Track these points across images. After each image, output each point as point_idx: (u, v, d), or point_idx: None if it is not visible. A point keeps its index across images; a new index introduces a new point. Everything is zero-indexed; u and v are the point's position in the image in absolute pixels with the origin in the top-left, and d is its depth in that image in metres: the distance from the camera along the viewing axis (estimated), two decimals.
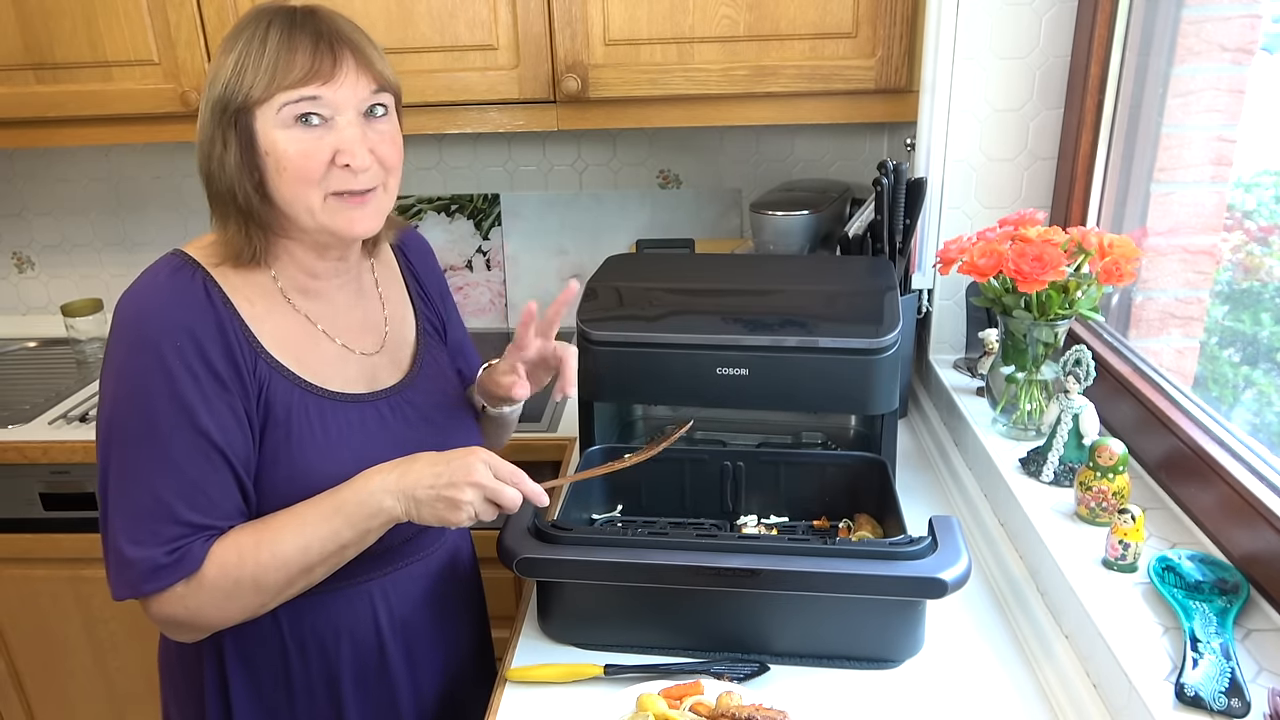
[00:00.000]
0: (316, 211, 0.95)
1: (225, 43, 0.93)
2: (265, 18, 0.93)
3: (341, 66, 0.92)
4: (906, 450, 1.50)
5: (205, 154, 0.94)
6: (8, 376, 2.02)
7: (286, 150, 0.92)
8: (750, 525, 1.21)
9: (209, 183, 0.95)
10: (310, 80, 0.91)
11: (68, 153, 2.15)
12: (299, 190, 0.93)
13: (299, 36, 0.91)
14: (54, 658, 1.88)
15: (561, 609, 1.06)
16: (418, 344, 1.14)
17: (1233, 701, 0.80)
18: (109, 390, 0.92)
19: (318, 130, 0.92)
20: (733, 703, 0.92)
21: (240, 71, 0.90)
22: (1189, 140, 1.30)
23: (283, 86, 0.90)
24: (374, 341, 1.08)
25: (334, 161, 0.93)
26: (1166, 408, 1.15)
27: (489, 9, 1.62)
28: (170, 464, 0.91)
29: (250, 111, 0.91)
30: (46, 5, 1.67)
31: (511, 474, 0.95)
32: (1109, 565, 1.01)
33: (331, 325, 1.04)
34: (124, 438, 0.91)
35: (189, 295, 0.93)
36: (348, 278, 1.07)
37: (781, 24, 1.59)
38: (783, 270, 1.40)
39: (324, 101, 0.92)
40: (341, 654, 1.05)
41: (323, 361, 1.02)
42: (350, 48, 0.93)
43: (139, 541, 0.91)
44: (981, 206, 1.54)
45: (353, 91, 0.93)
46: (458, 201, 2.10)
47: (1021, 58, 1.46)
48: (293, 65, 0.90)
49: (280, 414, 0.97)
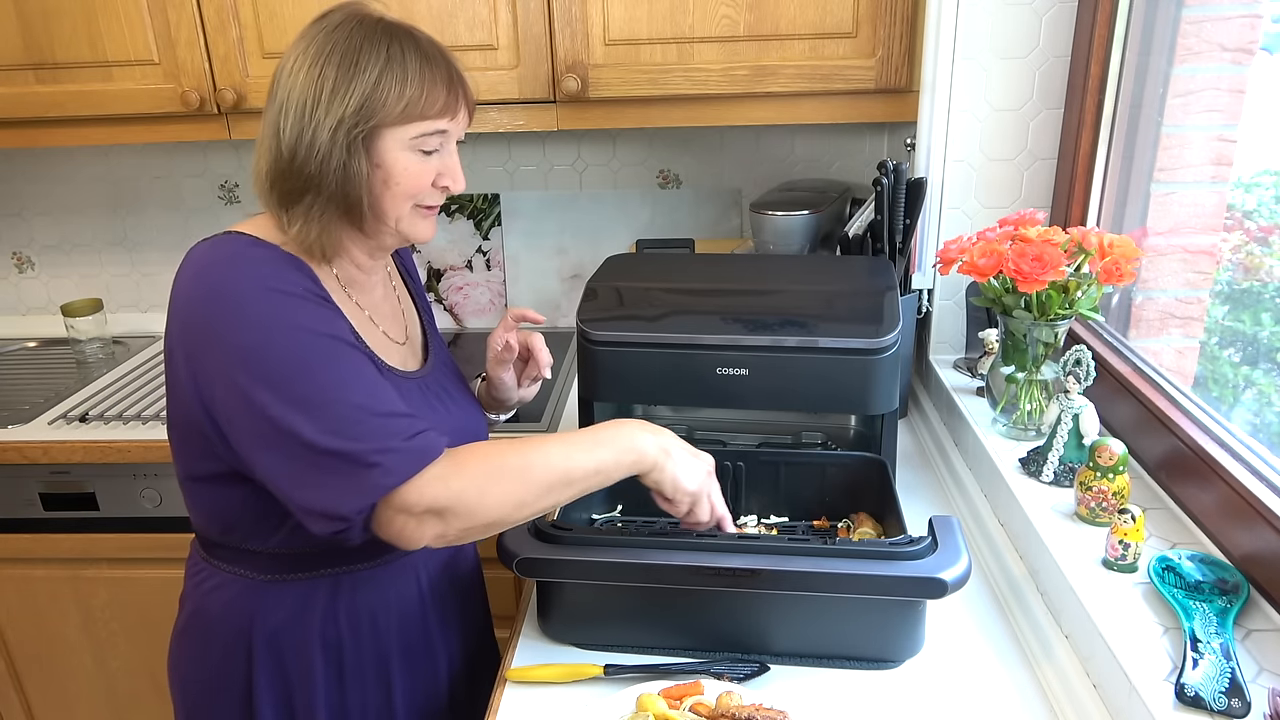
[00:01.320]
0: (402, 220, 1.01)
1: (346, 53, 0.94)
2: (393, 39, 0.95)
3: (461, 103, 1.00)
4: (906, 450, 1.50)
5: (320, 159, 0.94)
6: (8, 376, 2.01)
7: (405, 170, 0.97)
8: (750, 525, 1.21)
9: (307, 185, 0.95)
10: (444, 114, 0.98)
11: (68, 153, 2.15)
12: (399, 204, 0.99)
13: (437, 69, 0.97)
14: (54, 658, 1.88)
15: (561, 609, 1.06)
16: (424, 335, 1.20)
17: (1233, 701, 0.80)
18: (245, 350, 0.88)
19: (430, 156, 0.99)
20: (733, 703, 0.92)
21: (384, 92, 0.94)
22: (1189, 140, 1.29)
23: (424, 116, 0.96)
24: (401, 332, 1.14)
25: (435, 183, 1.01)
26: (1166, 408, 1.15)
27: (489, 9, 1.62)
28: (350, 376, 0.91)
29: (382, 130, 0.95)
30: (46, 5, 1.66)
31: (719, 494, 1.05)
32: (1109, 565, 1.01)
33: (376, 315, 1.10)
34: (289, 377, 0.88)
35: (279, 259, 0.96)
36: (381, 275, 1.14)
37: (781, 24, 1.59)
38: (783, 270, 1.40)
39: (447, 134, 1.00)
40: (392, 629, 1.09)
41: (378, 345, 1.06)
42: (465, 85, 1.01)
43: (375, 436, 0.88)
44: (981, 206, 1.54)
45: (462, 125, 1.02)
46: (457, 201, 2.10)
47: (1021, 58, 1.46)
48: (435, 99, 0.96)
49: None
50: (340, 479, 0.87)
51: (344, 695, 1.08)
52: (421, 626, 1.12)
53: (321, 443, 0.87)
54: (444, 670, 1.16)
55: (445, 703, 1.17)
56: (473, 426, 1.17)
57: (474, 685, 1.22)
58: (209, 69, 1.69)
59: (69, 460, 1.68)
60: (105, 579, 1.79)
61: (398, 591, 1.09)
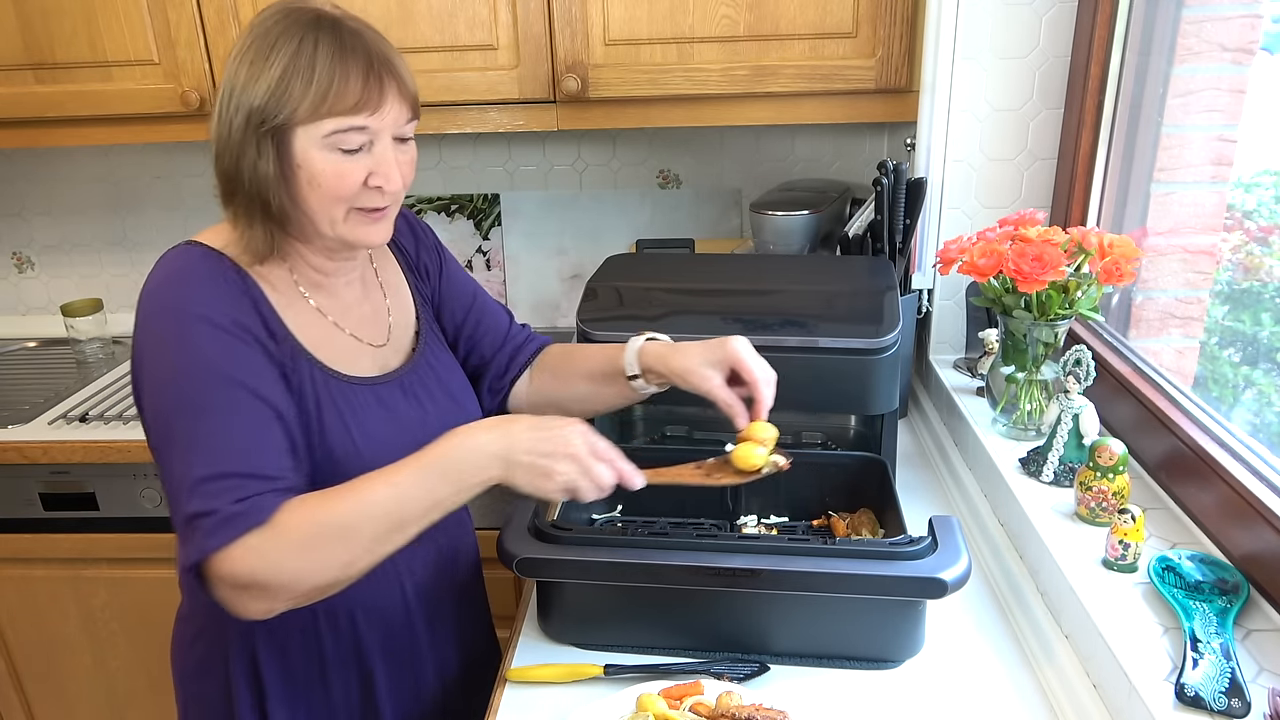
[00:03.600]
0: (338, 223, 0.97)
1: (261, 47, 0.92)
2: (311, 30, 0.92)
3: (387, 96, 0.94)
4: (906, 450, 1.50)
5: (233, 157, 0.93)
6: (8, 376, 2.01)
7: (324, 170, 0.93)
8: (750, 525, 1.21)
9: (233, 184, 0.95)
10: (360, 110, 0.92)
11: (67, 153, 2.15)
12: (327, 205, 0.95)
13: (351, 61, 0.92)
14: (54, 658, 1.88)
15: (561, 609, 1.06)
16: (419, 324, 1.16)
17: (1233, 701, 0.80)
18: (158, 371, 0.91)
19: (356, 154, 0.94)
20: (733, 703, 0.92)
21: (287, 87, 0.90)
22: (1189, 140, 1.29)
23: (333, 113, 0.91)
24: (381, 333, 1.11)
25: (366, 182, 0.96)
26: (1166, 408, 1.15)
27: (489, 9, 1.62)
28: (231, 427, 0.90)
29: (292, 129, 0.91)
30: (46, 5, 1.66)
31: (608, 452, 0.94)
32: (1109, 565, 1.01)
33: (343, 319, 1.06)
34: (180, 408, 0.89)
35: (222, 276, 0.95)
36: (354, 275, 1.09)
37: (781, 24, 1.59)
38: (783, 270, 1.40)
39: (369, 130, 0.94)
40: (373, 629, 1.07)
41: (338, 351, 1.04)
42: (395, 76, 0.95)
43: (206, 497, 0.87)
44: (981, 206, 1.54)
45: (393, 120, 0.95)
46: (458, 201, 2.10)
47: (1021, 58, 1.46)
48: (346, 93, 0.91)
49: (308, 395, 0.98)
50: (180, 530, 0.88)
51: (327, 691, 1.06)
52: (407, 631, 1.10)
53: (170, 488, 0.89)
54: (432, 674, 1.14)
55: (435, 706, 1.16)
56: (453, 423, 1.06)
57: (470, 689, 1.21)
58: (209, 69, 1.69)
59: (69, 460, 1.68)
60: (105, 579, 1.79)
61: (377, 598, 1.06)
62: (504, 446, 0.92)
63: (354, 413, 1.01)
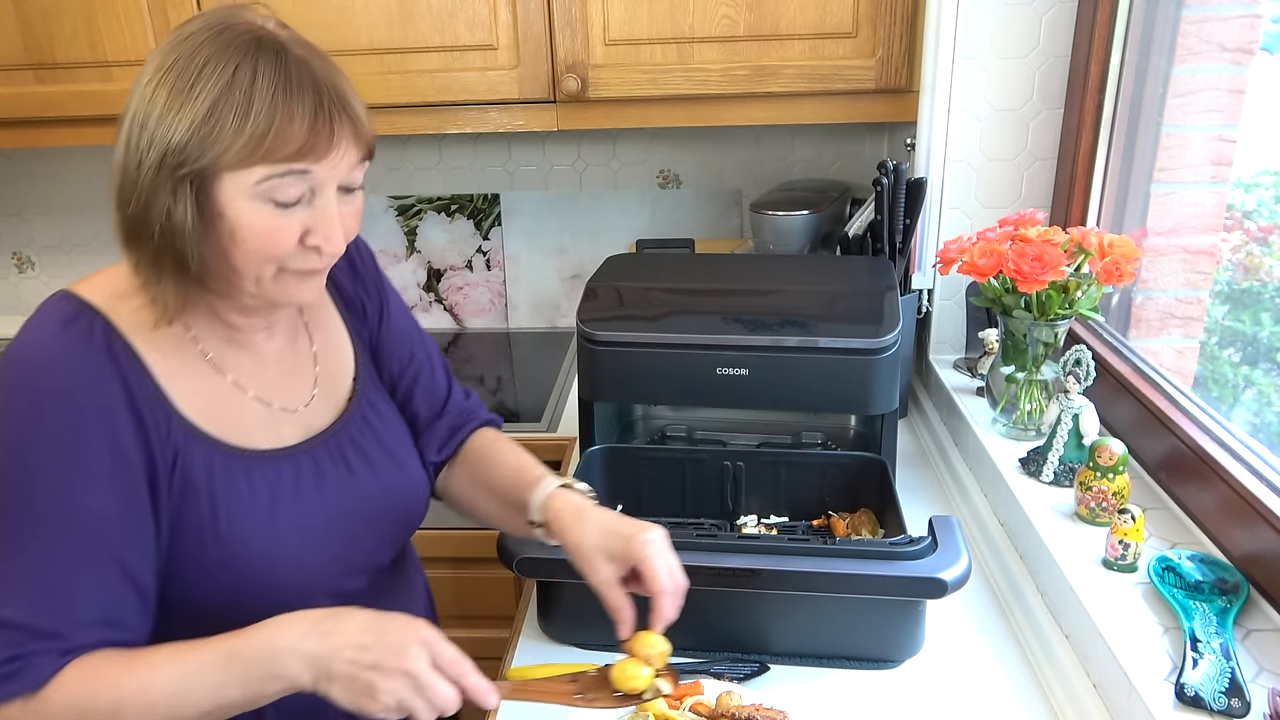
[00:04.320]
0: (264, 283, 0.81)
1: (185, 71, 0.75)
2: (249, 55, 0.75)
3: (338, 139, 0.78)
4: (906, 450, 1.50)
5: (142, 201, 0.76)
6: None
7: (251, 224, 0.77)
8: (750, 525, 1.21)
9: (138, 231, 0.78)
10: (303, 156, 0.76)
11: (67, 153, 2.15)
12: (252, 265, 0.79)
13: (297, 97, 0.75)
14: None
15: (561, 609, 1.06)
16: (356, 370, 0.99)
17: (1233, 701, 0.80)
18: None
19: (292, 208, 0.78)
20: (733, 703, 0.92)
21: (216, 125, 0.74)
22: (1189, 140, 1.29)
23: (270, 158, 0.75)
24: (304, 389, 0.94)
25: (303, 241, 0.80)
26: (1166, 408, 1.15)
27: (489, 9, 1.62)
28: (37, 566, 0.76)
29: (218, 174, 0.75)
30: (46, 5, 1.66)
31: (454, 665, 0.76)
32: (1109, 565, 1.01)
33: (256, 380, 0.90)
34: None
35: (88, 353, 0.79)
36: (273, 323, 0.92)
37: (781, 24, 1.59)
38: (783, 270, 1.40)
39: (312, 178, 0.78)
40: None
41: (246, 421, 0.88)
42: (349, 115, 0.79)
43: None
44: (981, 206, 1.54)
45: (343, 166, 0.79)
46: (458, 201, 2.10)
47: (1021, 58, 1.46)
48: (288, 136, 0.75)
49: (201, 483, 0.83)
50: None
51: None
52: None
53: None
54: None
55: None
56: (396, 489, 0.97)
57: None
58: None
59: None
60: None
61: None
62: (321, 650, 0.75)
63: (262, 492, 0.86)
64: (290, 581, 0.87)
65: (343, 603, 0.84)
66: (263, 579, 0.85)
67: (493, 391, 1.87)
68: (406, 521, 1.01)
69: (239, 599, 0.84)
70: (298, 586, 0.87)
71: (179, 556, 0.83)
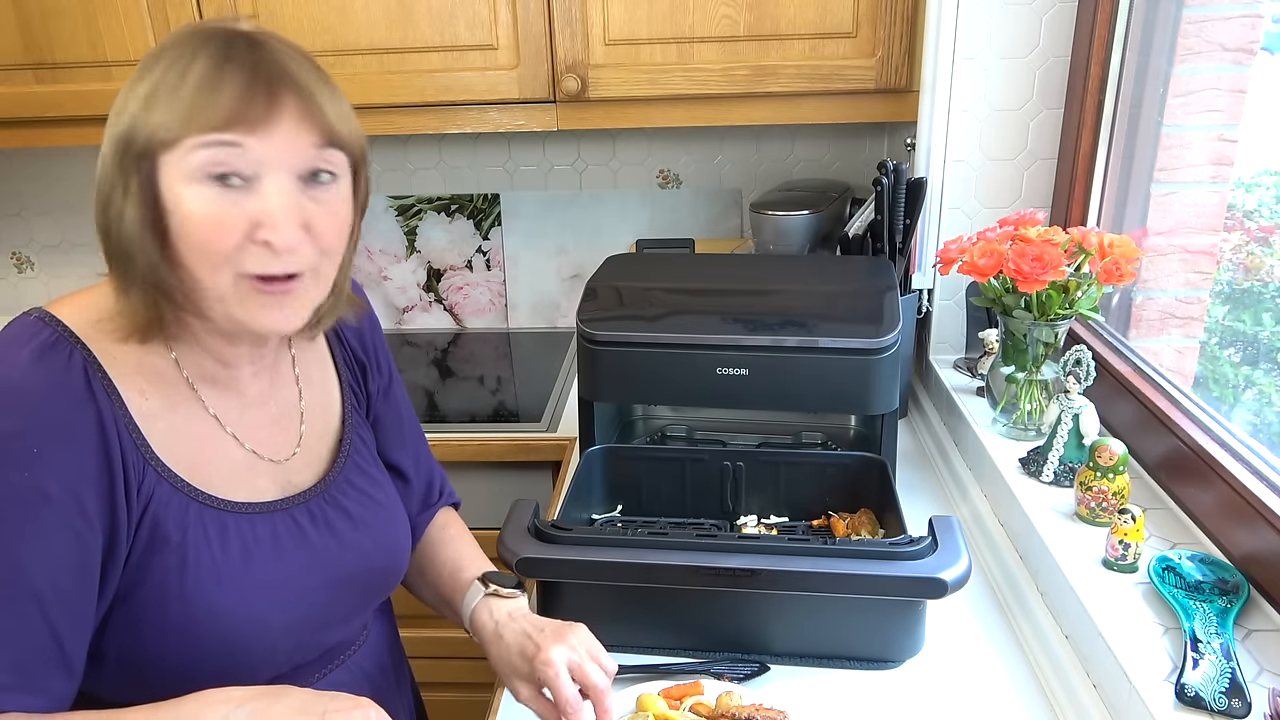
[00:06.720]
0: (227, 296, 0.75)
1: (143, 65, 0.74)
2: (196, 41, 0.73)
3: (278, 112, 0.72)
4: (906, 450, 1.50)
5: (103, 202, 0.76)
6: None
7: (191, 211, 0.71)
8: (750, 525, 1.21)
9: (106, 238, 0.77)
10: (233, 125, 0.71)
11: (68, 153, 2.15)
12: (203, 266, 0.73)
13: (230, 70, 0.71)
14: None
15: (561, 609, 1.06)
16: (343, 429, 0.94)
17: (1233, 702, 0.80)
18: None
19: (236, 194, 0.72)
20: (733, 703, 0.92)
21: (150, 103, 0.71)
22: (1189, 140, 1.29)
23: (199, 127, 0.70)
24: (288, 441, 0.89)
25: (252, 236, 0.73)
26: (1166, 408, 1.15)
27: (489, 9, 1.62)
28: None
29: (155, 156, 0.72)
30: (46, 5, 1.66)
31: None
32: (1109, 565, 1.01)
33: (239, 424, 0.85)
34: None
35: (60, 387, 0.73)
36: (263, 365, 0.87)
37: (781, 24, 1.59)
38: (783, 270, 1.40)
39: (247, 153, 0.72)
40: None
41: (227, 469, 0.83)
42: (294, 90, 0.73)
43: None
44: (981, 206, 1.54)
45: (289, 146, 0.73)
46: (458, 201, 2.10)
47: (1021, 58, 1.46)
48: (214, 104, 0.70)
49: (173, 535, 0.77)
50: None
51: None
52: None
53: None
54: None
55: None
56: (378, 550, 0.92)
57: None
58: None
59: None
60: None
61: None
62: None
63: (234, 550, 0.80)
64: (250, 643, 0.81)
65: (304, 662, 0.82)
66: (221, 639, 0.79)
67: (493, 392, 1.88)
68: (385, 582, 0.96)
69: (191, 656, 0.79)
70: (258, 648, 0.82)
71: (137, 608, 0.77)
